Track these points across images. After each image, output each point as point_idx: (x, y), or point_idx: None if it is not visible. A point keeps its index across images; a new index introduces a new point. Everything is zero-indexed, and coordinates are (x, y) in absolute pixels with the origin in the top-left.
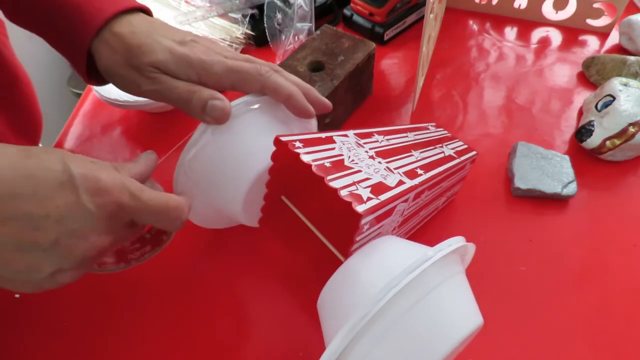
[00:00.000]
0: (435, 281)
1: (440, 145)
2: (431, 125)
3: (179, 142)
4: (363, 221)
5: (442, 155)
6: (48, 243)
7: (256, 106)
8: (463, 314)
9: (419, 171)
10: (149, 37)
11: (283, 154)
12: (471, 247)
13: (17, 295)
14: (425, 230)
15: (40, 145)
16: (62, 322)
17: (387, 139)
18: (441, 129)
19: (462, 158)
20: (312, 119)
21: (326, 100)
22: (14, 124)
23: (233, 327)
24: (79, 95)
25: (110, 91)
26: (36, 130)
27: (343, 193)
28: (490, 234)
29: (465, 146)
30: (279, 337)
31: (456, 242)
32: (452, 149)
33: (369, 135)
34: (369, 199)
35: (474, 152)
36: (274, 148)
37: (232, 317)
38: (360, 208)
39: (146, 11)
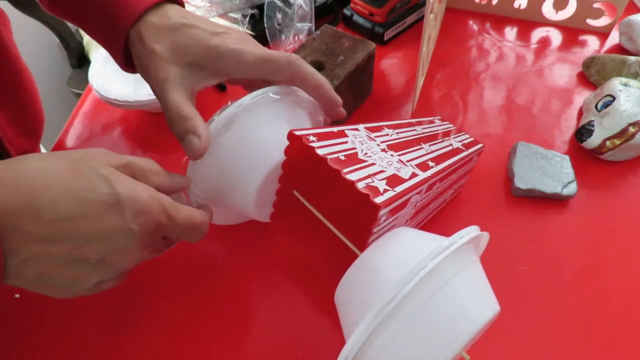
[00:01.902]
0: (454, 269)
1: (448, 138)
2: (437, 119)
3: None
4: (381, 212)
5: (450, 147)
6: (96, 259)
7: (270, 100)
8: (482, 301)
9: (430, 163)
10: (183, 32)
11: (297, 148)
12: (485, 237)
13: (17, 295)
14: (427, 229)
15: (41, 145)
16: (62, 322)
17: (397, 132)
18: (447, 123)
19: (470, 150)
20: (321, 117)
21: (338, 98)
22: (16, 121)
23: (235, 324)
24: (79, 95)
25: (110, 91)
26: (38, 128)
27: (360, 185)
28: (490, 234)
29: (472, 139)
30: (278, 336)
31: (473, 230)
32: (460, 141)
33: (379, 129)
34: (385, 190)
35: (481, 145)
36: (286, 143)
37: (234, 314)
38: (378, 199)
39: (179, 2)
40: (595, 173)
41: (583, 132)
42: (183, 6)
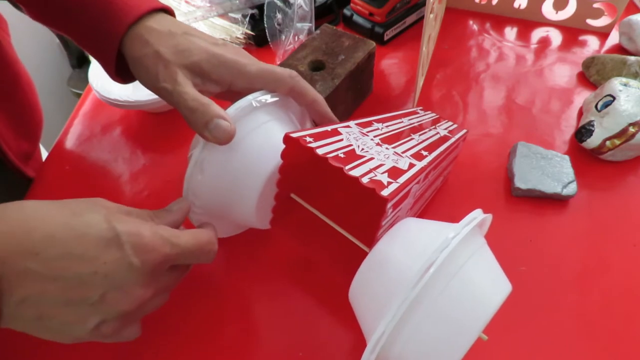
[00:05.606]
0: (466, 255)
1: (434, 126)
2: (419, 109)
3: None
4: (389, 205)
5: (438, 136)
6: (95, 298)
7: (259, 105)
8: (494, 284)
9: (424, 152)
10: (184, 37)
11: (294, 150)
12: (488, 218)
13: None
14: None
15: (41, 146)
16: None
17: (386, 126)
18: (429, 112)
19: (456, 137)
20: (308, 123)
21: (332, 115)
22: (15, 124)
23: (232, 325)
24: (79, 95)
25: (110, 91)
26: (36, 130)
27: (364, 180)
28: (490, 234)
29: (455, 125)
30: (278, 336)
31: (478, 214)
32: (445, 129)
33: (369, 124)
34: (389, 183)
35: (465, 130)
36: (282, 147)
37: (232, 315)
38: (384, 192)
39: (171, 13)
40: (595, 173)
41: (583, 132)
42: (174, 17)
